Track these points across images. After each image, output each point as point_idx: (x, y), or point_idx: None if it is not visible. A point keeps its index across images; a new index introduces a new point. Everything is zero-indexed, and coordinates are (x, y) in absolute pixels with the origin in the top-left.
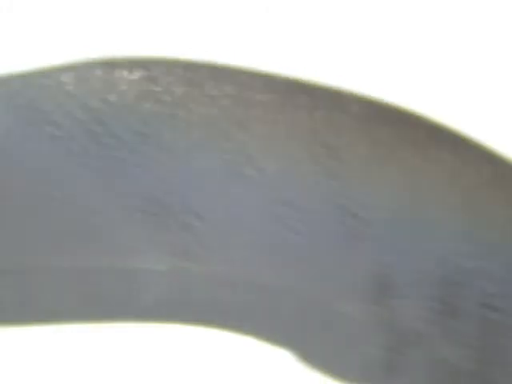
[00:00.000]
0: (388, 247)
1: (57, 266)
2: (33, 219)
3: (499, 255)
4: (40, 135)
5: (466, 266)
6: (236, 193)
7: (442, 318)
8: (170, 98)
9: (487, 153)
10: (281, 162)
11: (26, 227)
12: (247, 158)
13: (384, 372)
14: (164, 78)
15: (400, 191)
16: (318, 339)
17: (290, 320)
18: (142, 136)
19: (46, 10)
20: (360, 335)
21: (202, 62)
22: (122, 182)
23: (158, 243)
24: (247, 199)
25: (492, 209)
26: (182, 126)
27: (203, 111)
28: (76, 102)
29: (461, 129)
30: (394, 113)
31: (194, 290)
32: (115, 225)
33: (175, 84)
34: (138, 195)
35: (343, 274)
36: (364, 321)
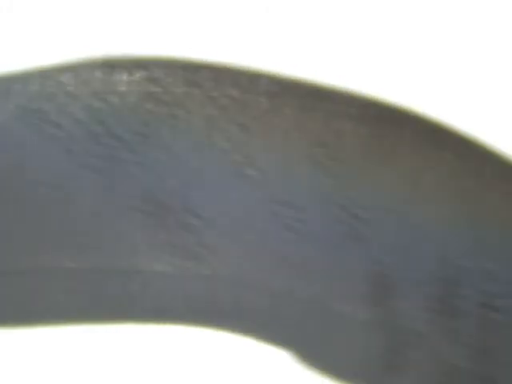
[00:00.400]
0: (388, 247)
1: (56, 266)
2: (32, 219)
3: (499, 255)
4: (40, 135)
5: (466, 265)
6: (236, 193)
7: (442, 318)
8: (170, 99)
9: (487, 153)
10: (281, 162)
11: (26, 227)
12: (247, 158)
13: (384, 372)
14: (164, 79)
15: (400, 191)
16: (318, 339)
17: (290, 320)
18: (142, 136)
19: (46, 10)
20: (360, 335)
21: (202, 62)
22: (122, 182)
23: (158, 243)
24: (247, 199)
25: (492, 209)
26: (182, 126)
27: (203, 111)
28: (76, 102)
29: (461, 129)
30: (394, 113)
31: (193, 290)
32: (115, 225)
33: (175, 84)
34: (138, 195)
35: (343, 273)
36: (364, 321)
